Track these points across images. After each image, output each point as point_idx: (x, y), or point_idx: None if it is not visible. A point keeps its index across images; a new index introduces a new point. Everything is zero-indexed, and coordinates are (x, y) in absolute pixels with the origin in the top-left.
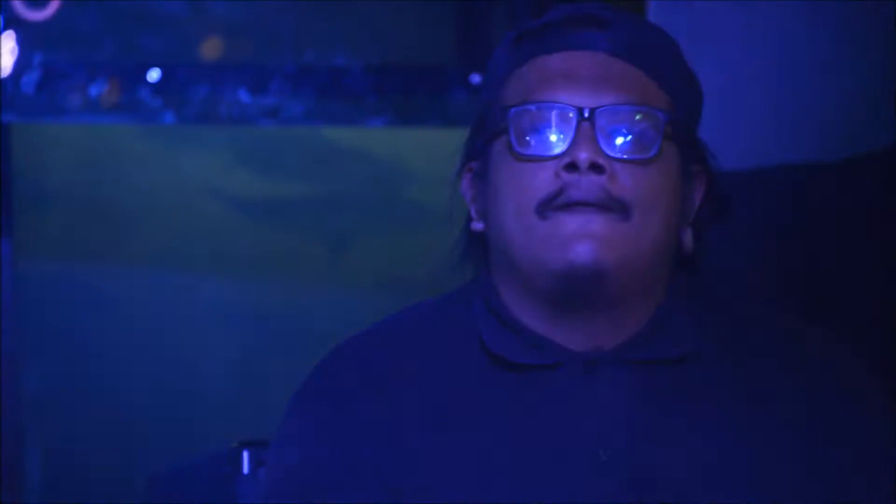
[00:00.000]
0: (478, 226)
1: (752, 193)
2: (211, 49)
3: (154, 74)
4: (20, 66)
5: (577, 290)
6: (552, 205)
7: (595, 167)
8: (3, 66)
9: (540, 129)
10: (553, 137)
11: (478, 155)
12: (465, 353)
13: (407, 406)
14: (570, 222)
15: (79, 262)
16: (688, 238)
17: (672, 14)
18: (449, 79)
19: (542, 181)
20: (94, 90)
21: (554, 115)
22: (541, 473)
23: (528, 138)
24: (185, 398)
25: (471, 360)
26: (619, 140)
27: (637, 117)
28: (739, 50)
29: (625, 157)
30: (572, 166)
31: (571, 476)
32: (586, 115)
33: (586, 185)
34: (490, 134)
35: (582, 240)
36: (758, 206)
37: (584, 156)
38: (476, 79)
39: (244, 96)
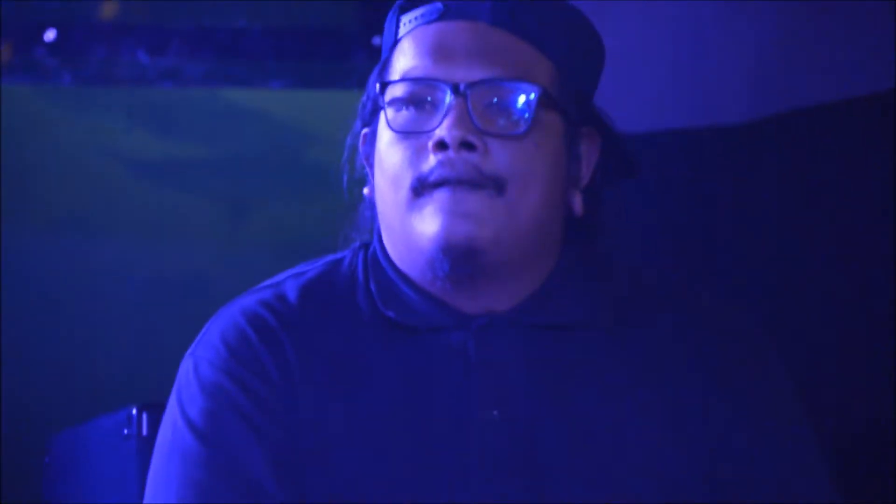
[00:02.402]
0: (368, 191)
1: (647, 157)
2: (109, 9)
3: (50, 34)
4: None
5: (454, 266)
6: (426, 182)
7: (466, 145)
8: None
9: (413, 104)
10: (426, 113)
11: (369, 122)
12: (358, 315)
13: (302, 367)
14: (444, 200)
15: None
16: (577, 203)
17: None
18: (350, 41)
19: (416, 157)
20: None
21: (427, 90)
22: (434, 433)
23: (402, 113)
24: (81, 361)
25: (364, 322)
26: (493, 115)
27: (511, 91)
28: (636, 12)
29: (498, 132)
30: (443, 144)
31: (463, 435)
32: (460, 89)
33: (458, 164)
34: (374, 105)
35: (455, 218)
36: (654, 170)
37: (454, 134)
38: (378, 41)
39: (143, 57)
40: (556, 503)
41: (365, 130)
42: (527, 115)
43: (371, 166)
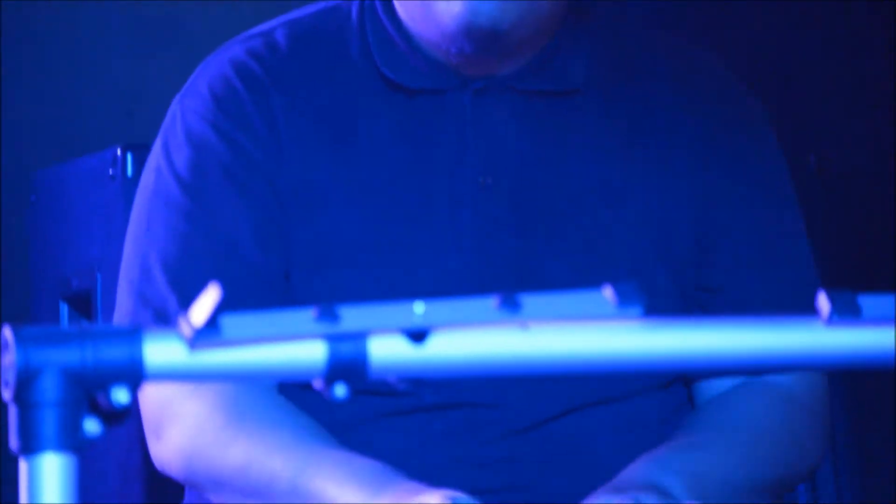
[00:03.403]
0: None
1: None
2: None
3: None
4: None
5: (477, 46)
6: None
7: None
8: None
9: None
10: None
11: None
12: (352, 70)
13: (290, 121)
14: None
15: None
16: None
17: None
18: None
19: None
20: None
21: None
22: (425, 195)
23: None
24: (65, 103)
25: (359, 78)
26: None
27: None
28: None
29: None
30: None
31: (455, 197)
32: None
33: None
34: None
35: None
36: None
37: None
38: None
39: None
40: (548, 265)
41: None
42: None
43: None
